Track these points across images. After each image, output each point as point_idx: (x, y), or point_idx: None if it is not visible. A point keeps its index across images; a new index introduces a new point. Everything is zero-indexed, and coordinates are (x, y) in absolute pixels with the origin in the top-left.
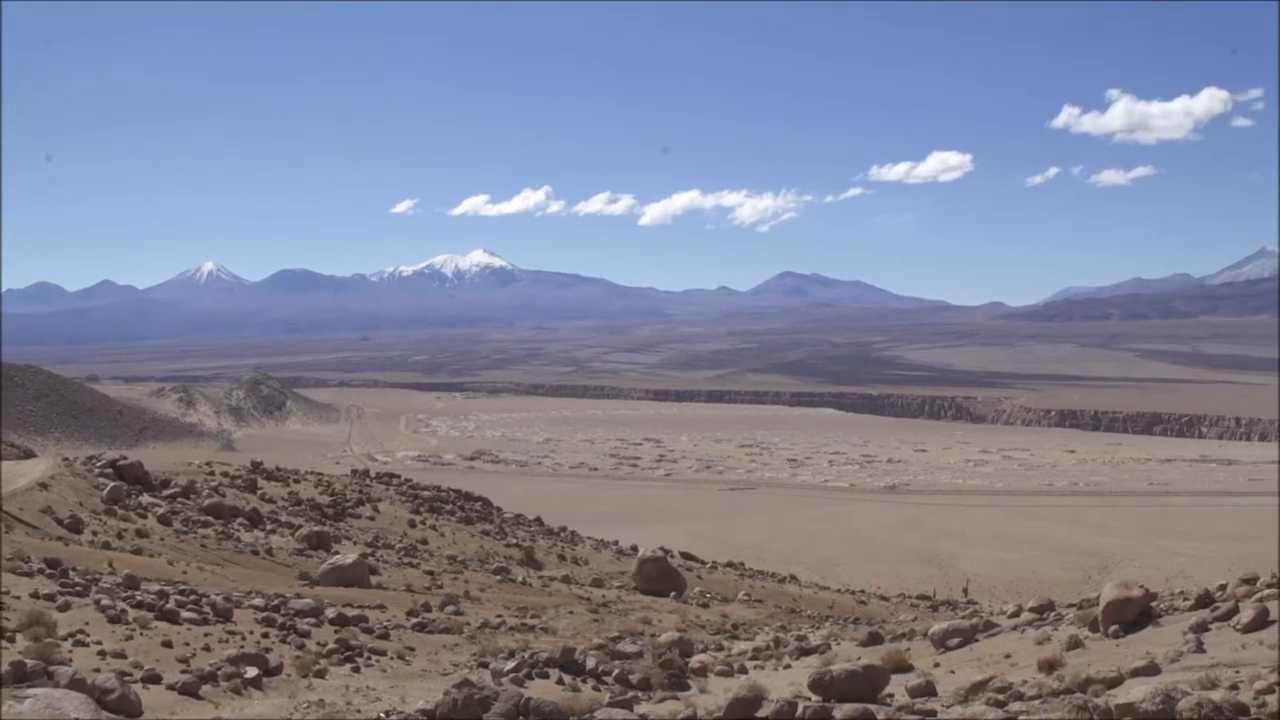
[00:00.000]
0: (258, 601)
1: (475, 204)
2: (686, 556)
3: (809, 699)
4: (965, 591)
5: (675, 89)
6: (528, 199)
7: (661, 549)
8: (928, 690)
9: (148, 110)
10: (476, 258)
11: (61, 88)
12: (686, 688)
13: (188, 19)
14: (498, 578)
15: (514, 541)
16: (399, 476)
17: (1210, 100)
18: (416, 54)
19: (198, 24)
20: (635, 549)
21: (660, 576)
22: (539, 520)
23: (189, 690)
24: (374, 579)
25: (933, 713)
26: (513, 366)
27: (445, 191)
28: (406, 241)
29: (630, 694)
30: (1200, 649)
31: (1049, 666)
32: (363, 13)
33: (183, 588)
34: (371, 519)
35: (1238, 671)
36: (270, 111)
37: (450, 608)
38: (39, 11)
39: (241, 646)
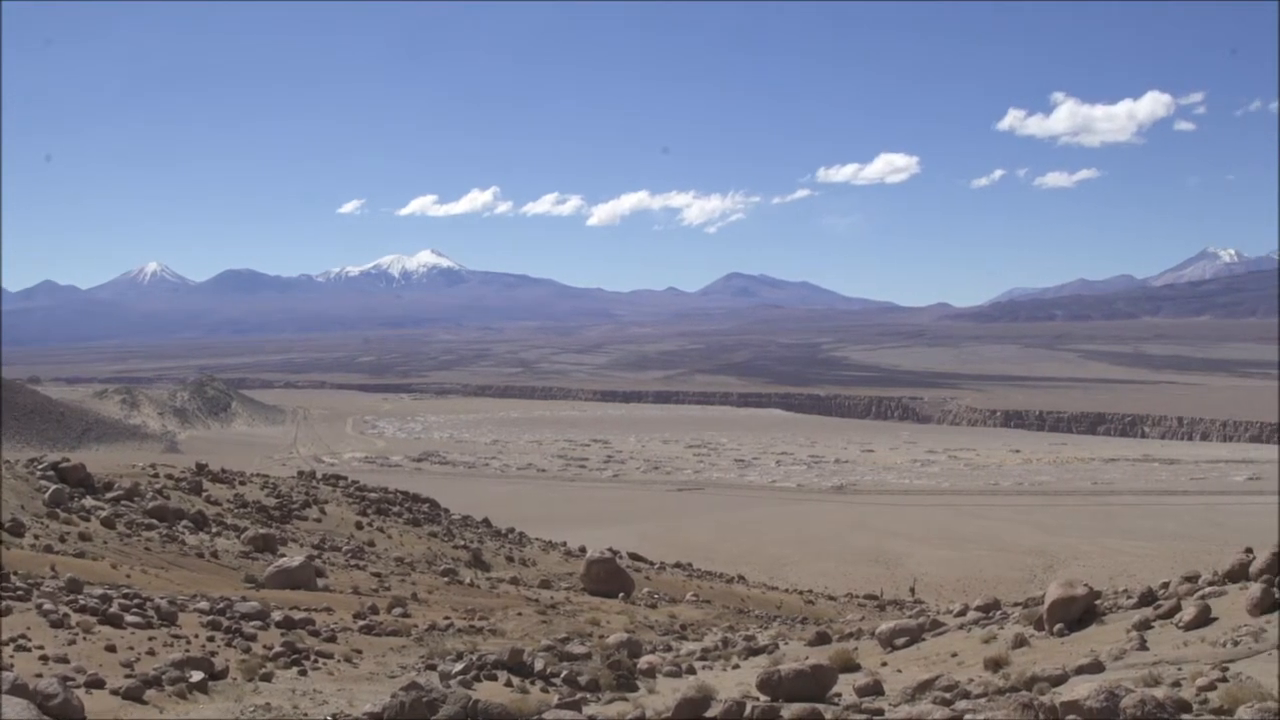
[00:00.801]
0: (203, 605)
1: (423, 204)
2: (634, 557)
3: (757, 699)
4: (912, 591)
5: (624, 90)
6: (475, 199)
7: (609, 550)
8: (875, 689)
9: (90, 109)
10: (424, 258)
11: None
12: (635, 689)
13: (131, 19)
14: (445, 579)
15: (462, 543)
16: (346, 478)
17: (1153, 104)
18: (364, 54)
19: (141, 24)
20: (583, 550)
21: (608, 577)
22: (487, 522)
23: (133, 695)
24: (321, 581)
25: (880, 711)
26: (460, 367)
27: (392, 192)
28: (353, 242)
29: (579, 695)
30: (1144, 646)
31: (995, 665)
32: (310, 12)
33: (127, 591)
34: (318, 521)
35: (1180, 669)
36: (215, 111)
37: (398, 610)
38: (34, 12)
39: (186, 650)
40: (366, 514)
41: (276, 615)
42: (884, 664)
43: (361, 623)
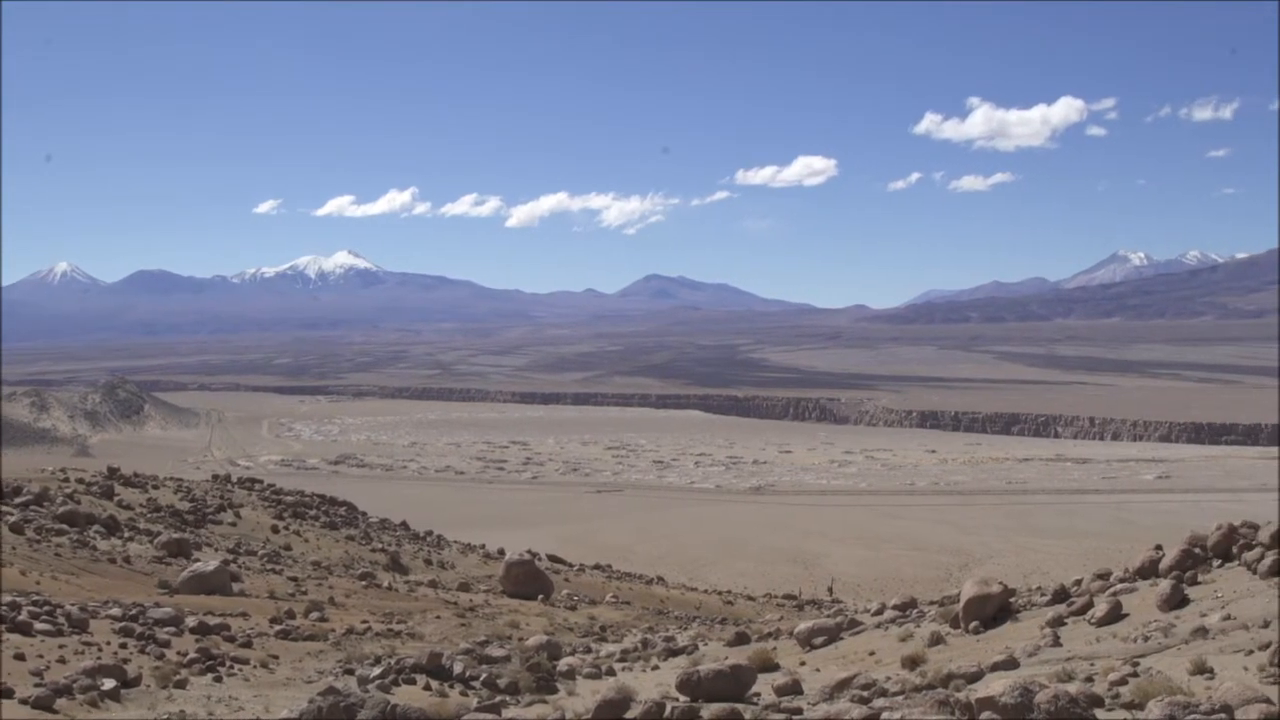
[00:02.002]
0: (115, 611)
1: (340, 204)
2: (554, 559)
3: (677, 699)
4: (830, 590)
5: (544, 91)
6: (393, 200)
7: (529, 552)
8: (794, 688)
9: None
10: (341, 259)
11: None
12: (554, 691)
13: (42, 18)
14: (363, 583)
15: (380, 546)
16: (261, 482)
17: (1066, 109)
18: (279, 53)
19: (52, 23)
20: (502, 552)
21: (527, 579)
22: (405, 524)
23: (43, 704)
24: (236, 586)
25: (799, 710)
26: (378, 369)
27: (309, 192)
28: (269, 242)
29: (498, 698)
30: (1057, 642)
31: (912, 663)
32: (226, 12)
33: (36, 598)
34: (233, 525)
35: (1093, 664)
36: (126, 110)
37: (315, 614)
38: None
39: (98, 658)
40: (283, 518)
41: (191, 621)
42: (803, 663)
43: (278, 628)
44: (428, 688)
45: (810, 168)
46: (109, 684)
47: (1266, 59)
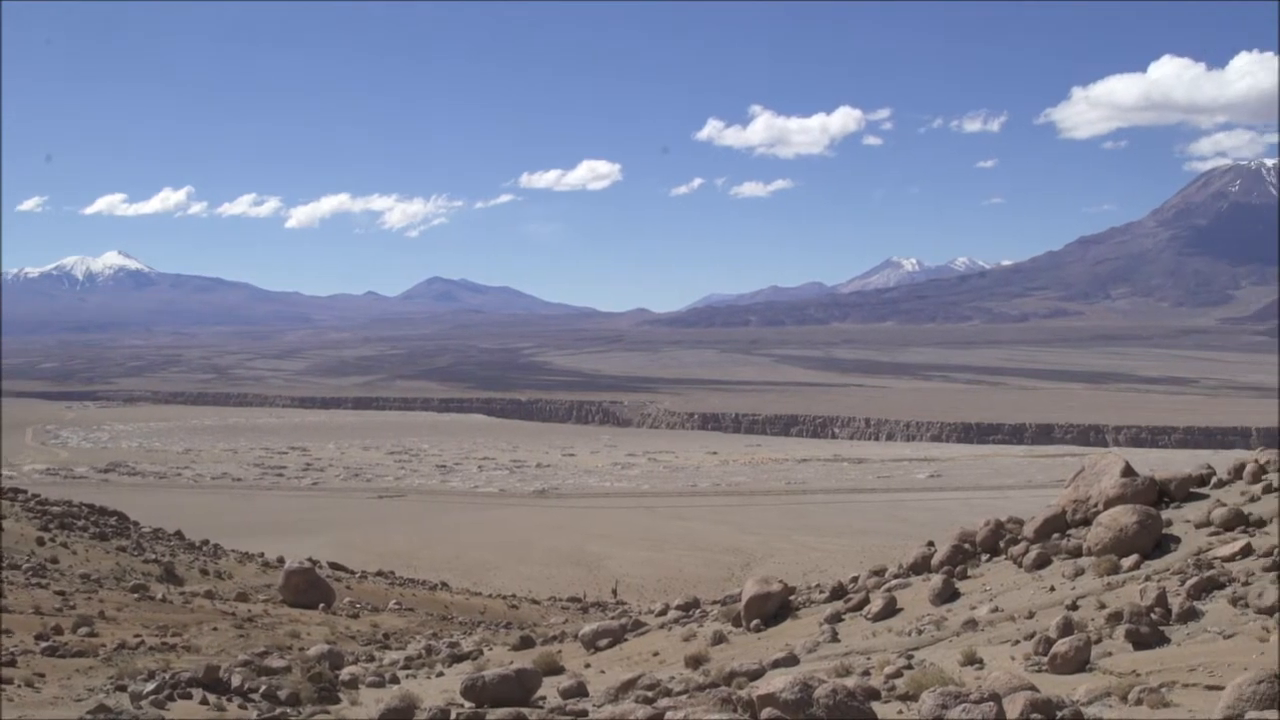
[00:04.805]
0: None
1: (110, 203)
2: (335, 567)
3: (462, 705)
4: (614, 592)
5: (326, 90)
6: (167, 199)
7: (309, 560)
8: (579, 691)
9: None
10: (110, 259)
11: None
12: (337, 700)
13: None
14: (136, 596)
15: (153, 557)
16: (25, 491)
17: (844, 118)
18: (38, 42)
19: None
20: (282, 561)
21: (308, 588)
22: (179, 534)
23: None
24: None
25: (584, 713)
26: (150, 374)
27: (77, 189)
28: (33, 241)
29: (279, 710)
30: (835, 638)
31: (695, 662)
32: None
33: None
34: None
35: (869, 658)
36: None
37: (84, 629)
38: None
39: None
40: (49, 529)
41: None
42: (588, 665)
43: (44, 644)
44: (204, 702)
45: (595, 172)
46: None
47: (1034, 76)
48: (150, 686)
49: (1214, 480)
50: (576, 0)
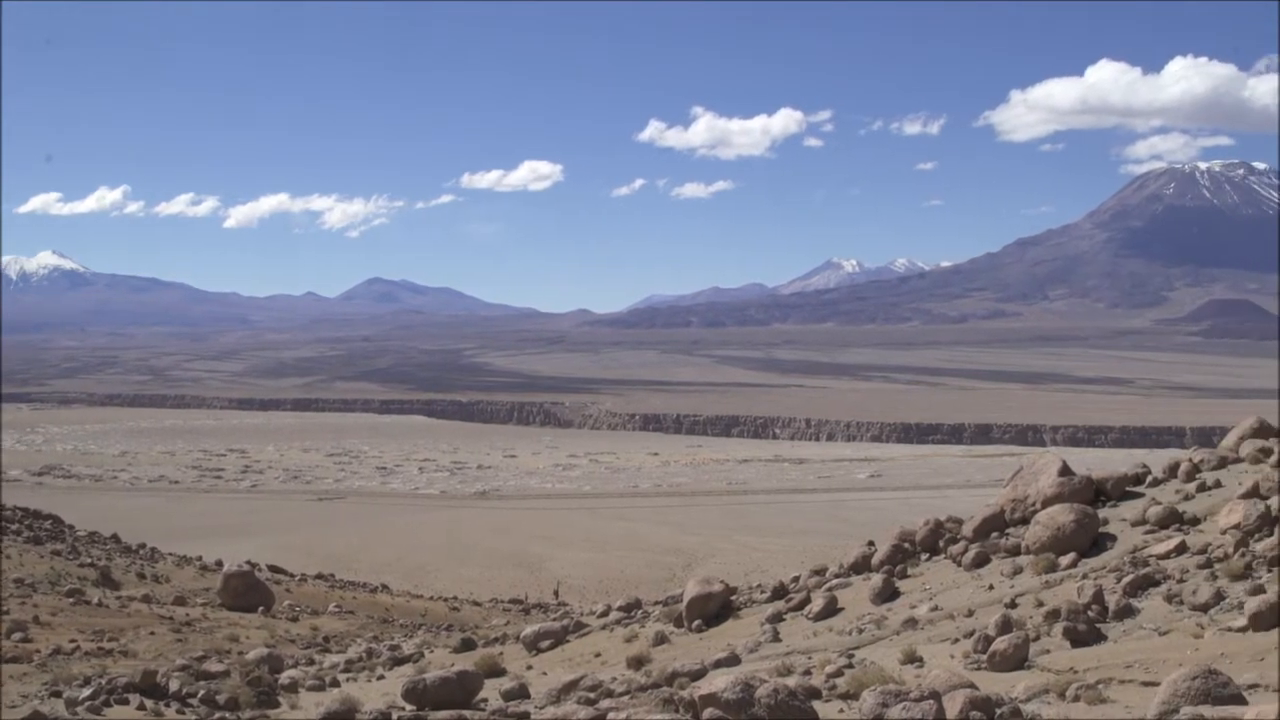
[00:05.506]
0: None
1: (44, 201)
2: (275, 570)
3: (403, 708)
4: (556, 594)
5: (262, 89)
6: (103, 198)
7: (248, 563)
8: (521, 692)
9: None
10: (44, 259)
11: None
12: (277, 705)
13: None
14: (71, 600)
15: (89, 561)
16: None
17: (786, 120)
18: None
19: None
20: (220, 564)
21: (247, 591)
22: (116, 537)
23: None
24: None
25: (526, 714)
26: (85, 375)
27: (10, 187)
28: None
29: (217, 715)
30: (777, 638)
31: (637, 663)
32: None
33: None
34: None
35: (810, 658)
36: None
37: (18, 635)
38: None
39: None
40: None
41: None
42: (529, 667)
43: None
44: (142, 707)
45: (536, 172)
46: None
47: (973, 79)
48: (86, 692)
49: (1149, 479)
50: (518, 0)
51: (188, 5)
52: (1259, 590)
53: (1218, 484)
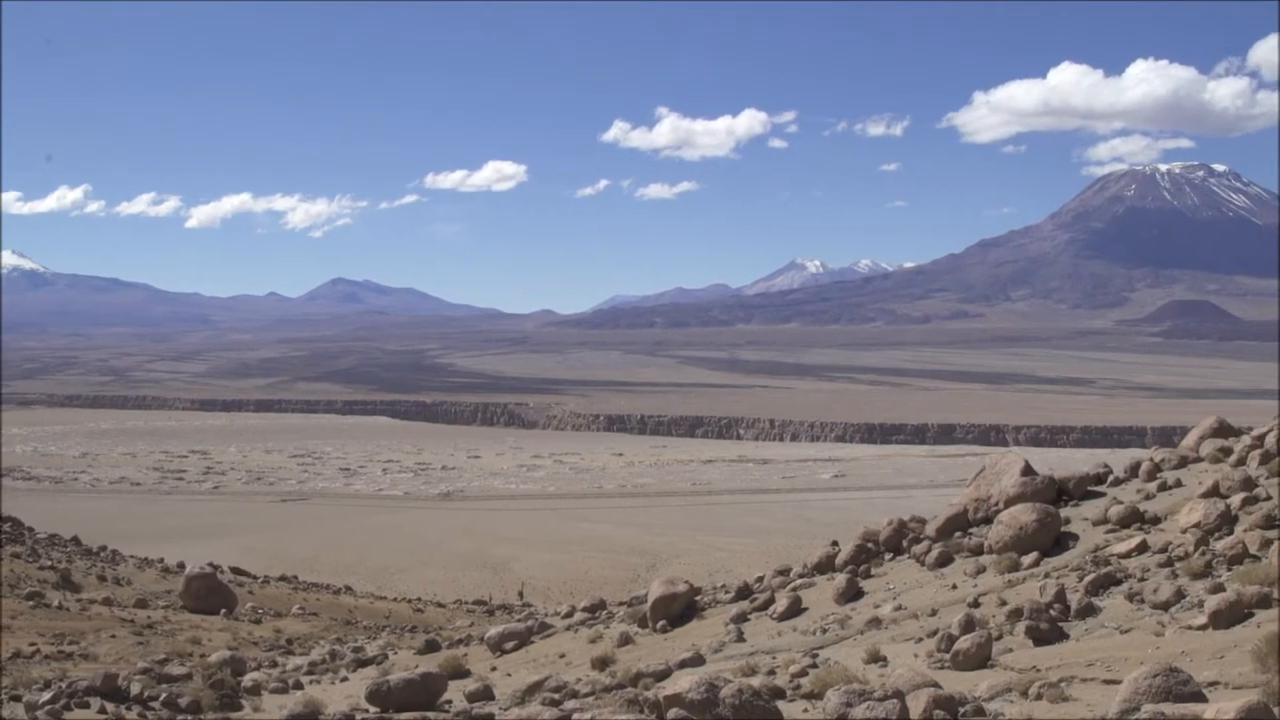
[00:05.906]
0: None
1: (4, 200)
2: (237, 572)
3: (367, 711)
4: (521, 595)
5: (227, 88)
6: (64, 197)
7: (210, 565)
8: (485, 694)
9: None
10: (4, 259)
11: None
12: (239, 708)
13: None
14: (31, 603)
15: (48, 563)
16: None
17: (750, 121)
18: None
19: None
20: (182, 566)
21: (209, 593)
22: (76, 540)
23: None
24: None
25: (490, 716)
26: (46, 376)
27: None
28: None
29: (179, 718)
30: (741, 638)
31: (602, 663)
32: None
33: None
34: None
35: (774, 657)
36: None
37: None
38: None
39: None
40: None
41: None
42: (494, 668)
43: None
44: (103, 711)
45: (500, 172)
46: None
47: (936, 80)
48: (46, 696)
49: (1111, 479)
50: (483, 1)
51: (147, 6)
52: (1219, 589)
53: (1178, 483)
